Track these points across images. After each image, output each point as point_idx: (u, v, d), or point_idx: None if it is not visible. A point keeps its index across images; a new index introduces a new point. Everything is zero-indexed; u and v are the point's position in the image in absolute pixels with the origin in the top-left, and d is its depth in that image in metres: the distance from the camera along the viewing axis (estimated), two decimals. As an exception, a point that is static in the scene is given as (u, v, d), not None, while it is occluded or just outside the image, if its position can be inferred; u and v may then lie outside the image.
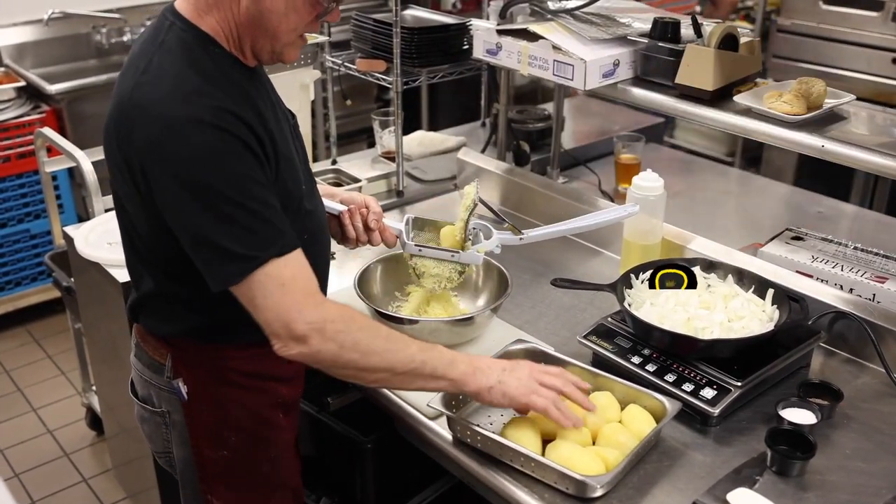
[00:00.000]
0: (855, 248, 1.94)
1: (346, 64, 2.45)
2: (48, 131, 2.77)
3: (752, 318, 1.64)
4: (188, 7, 1.37)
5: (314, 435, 1.94)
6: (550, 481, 1.40)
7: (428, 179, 2.61)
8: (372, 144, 2.84)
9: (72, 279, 2.60)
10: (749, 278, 1.75)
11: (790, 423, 1.47)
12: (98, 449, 3.08)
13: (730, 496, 1.34)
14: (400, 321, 1.73)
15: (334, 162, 2.65)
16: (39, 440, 3.14)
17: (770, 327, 1.62)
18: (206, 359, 1.51)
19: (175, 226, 1.34)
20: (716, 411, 1.51)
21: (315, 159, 2.84)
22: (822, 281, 1.86)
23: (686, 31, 1.95)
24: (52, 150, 2.87)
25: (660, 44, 1.95)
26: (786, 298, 1.68)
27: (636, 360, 1.63)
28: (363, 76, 2.43)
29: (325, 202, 1.68)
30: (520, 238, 1.78)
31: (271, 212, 1.34)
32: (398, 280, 1.92)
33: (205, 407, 1.54)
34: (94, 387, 2.95)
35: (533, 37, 2.06)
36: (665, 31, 1.95)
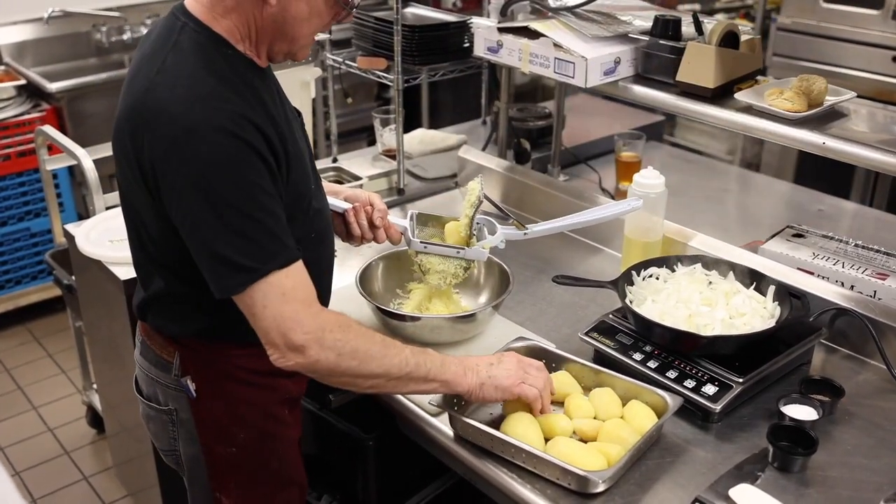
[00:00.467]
0: (856, 246, 1.94)
1: (347, 62, 2.45)
2: (49, 129, 2.76)
3: (754, 315, 1.65)
4: (200, 8, 1.36)
5: (316, 433, 1.94)
6: (552, 477, 1.41)
7: (429, 177, 2.61)
8: (372, 143, 2.84)
9: (73, 277, 2.59)
10: (750, 275, 1.75)
11: (792, 420, 1.47)
12: (99, 447, 3.08)
13: (732, 492, 1.34)
14: (402, 318, 1.73)
15: (335, 160, 2.65)
16: (40, 438, 3.14)
17: (771, 324, 1.62)
18: (215, 357, 1.51)
19: (182, 229, 1.34)
20: (717, 408, 1.52)
21: (315, 157, 2.83)
22: (824, 278, 1.86)
23: (687, 29, 1.95)
24: (53, 149, 2.87)
25: (661, 41, 1.95)
26: (787, 295, 1.68)
27: (638, 357, 1.64)
28: (364, 74, 2.43)
29: (330, 200, 1.69)
30: (524, 233, 1.78)
31: (277, 223, 1.34)
32: (400, 277, 1.92)
33: (213, 404, 1.54)
34: (95, 385, 2.96)
35: (534, 34, 2.06)
36: (666, 29, 1.95)
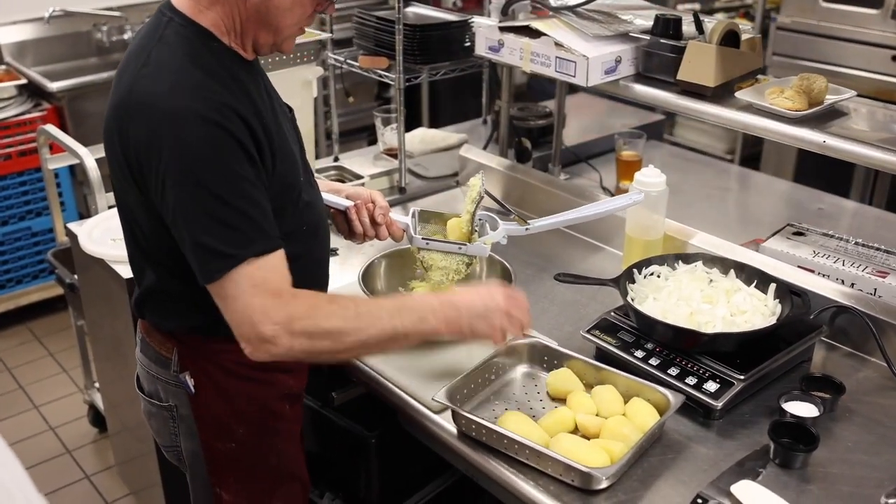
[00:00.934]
0: (856, 244, 1.95)
1: (349, 61, 2.46)
2: (51, 128, 2.76)
3: (755, 313, 1.65)
4: (186, 3, 1.38)
5: (318, 430, 1.95)
6: (556, 473, 1.41)
7: (430, 176, 2.62)
8: (372, 142, 2.84)
9: (75, 276, 2.60)
10: (751, 273, 1.76)
11: (793, 416, 1.48)
12: (100, 446, 3.08)
13: (733, 488, 1.35)
14: (404, 316, 1.74)
15: (336, 159, 2.66)
16: (41, 437, 3.14)
17: (772, 321, 1.63)
18: (213, 352, 1.52)
19: (167, 218, 1.35)
20: (719, 405, 1.52)
21: (316, 157, 2.84)
22: (824, 276, 1.87)
23: (687, 28, 1.96)
24: (54, 148, 2.87)
25: (661, 40, 1.96)
26: (788, 293, 1.69)
27: (639, 355, 1.64)
28: (365, 73, 2.44)
29: (331, 198, 1.70)
30: (525, 228, 1.79)
31: (258, 212, 1.34)
32: (402, 275, 1.93)
33: (212, 400, 1.55)
34: (97, 384, 2.96)
35: (535, 34, 2.07)
36: (667, 28, 1.96)
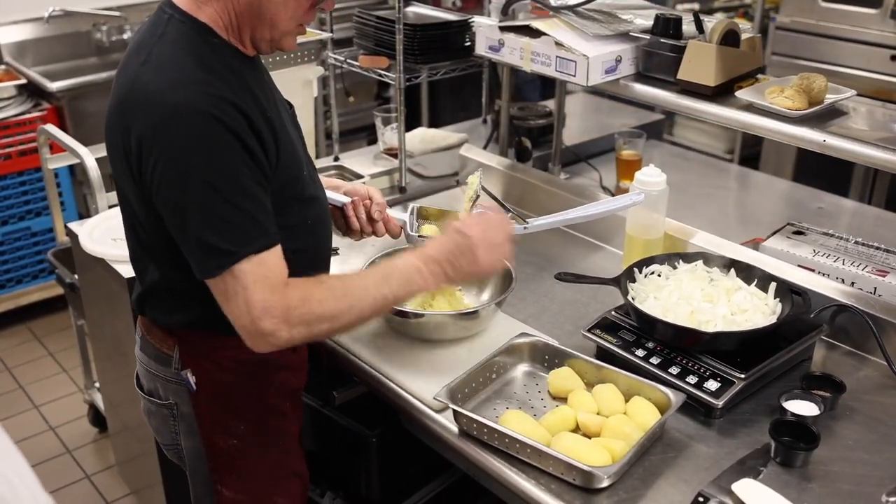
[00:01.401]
0: (856, 243, 1.95)
1: (349, 61, 2.46)
2: (51, 128, 2.76)
3: (755, 312, 1.66)
4: (186, 0, 1.39)
5: (319, 429, 1.95)
6: (557, 472, 1.41)
7: (430, 176, 2.62)
8: (372, 141, 2.84)
9: (75, 276, 2.60)
10: (751, 272, 1.76)
11: (793, 415, 1.48)
12: (101, 446, 3.08)
13: (734, 487, 1.35)
14: (405, 315, 1.74)
15: (336, 159, 2.66)
16: (41, 437, 3.14)
17: (773, 320, 1.63)
18: (214, 349, 1.53)
19: (164, 212, 1.35)
20: (720, 403, 1.52)
21: (316, 156, 2.84)
22: (824, 275, 1.87)
23: (688, 28, 1.96)
24: (54, 147, 2.88)
25: (662, 40, 1.96)
26: (788, 292, 1.69)
27: (640, 354, 1.64)
28: (366, 73, 2.44)
29: (329, 194, 1.70)
30: (524, 227, 1.79)
31: (257, 207, 1.34)
32: (402, 275, 1.92)
33: (213, 397, 1.55)
34: (98, 383, 2.96)
35: (535, 33, 2.07)
36: (667, 28, 1.96)
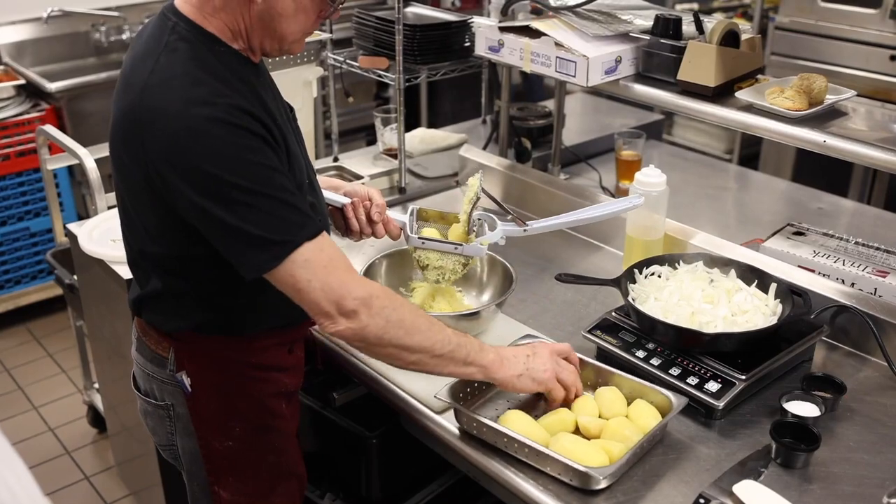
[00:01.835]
0: (856, 243, 1.95)
1: (349, 61, 2.46)
2: (50, 129, 2.75)
3: (756, 313, 1.65)
4: (190, 8, 1.37)
5: (319, 430, 1.95)
6: (554, 472, 1.42)
7: (430, 176, 2.61)
8: (371, 142, 2.84)
9: (74, 276, 2.60)
10: (752, 273, 1.76)
11: (794, 416, 1.48)
12: (100, 447, 3.08)
13: (735, 488, 1.35)
14: (405, 316, 1.74)
15: (336, 159, 2.66)
16: (41, 438, 3.14)
17: (773, 321, 1.63)
18: (210, 351, 1.53)
19: (201, 224, 1.34)
20: (720, 404, 1.52)
21: (316, 157, 2.84)
22: (824, 275, 1.87)
23: (687, 28, 1.96)
24: (53, 148, 2.87)
25: (661, 40, 1.96)
26: (789, 293, 1.69)
27: (641, 355, 1.64)
28: (365, 73, 2.43)
29: (329, 195, 1.70)
30: (523, 230, 1.79)
31: (295, 198, 1.36)
32: (403, 275, 1.92)
33: (209, 399, 1.55)
34: (97, 384, 2.96)
35: (535, 34, 2.07)
36: (667, 28, 1.96)
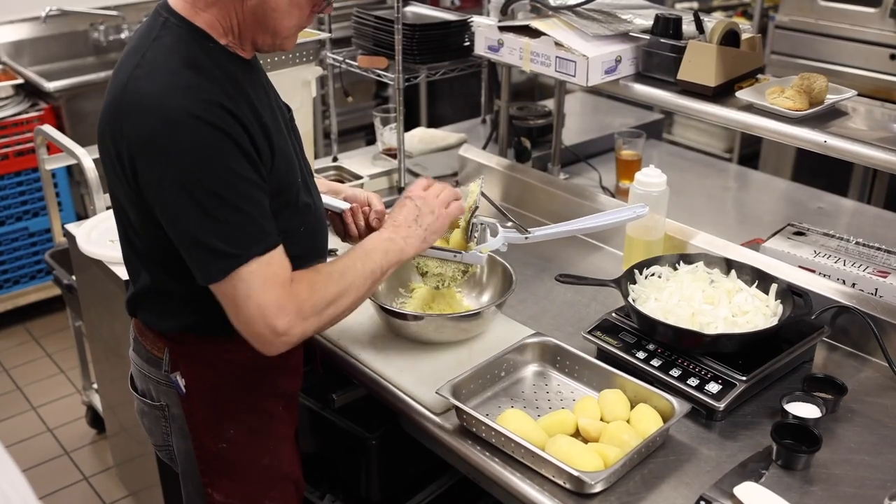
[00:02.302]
0: (857, 243, 1.95)
1: (348, 61, 2.45)
2: (48, 128, 2.75)
3: (756, 313, 1.65)
4: (182, 4, 1.38)
5: (318, 431, 1.94)
6: (549, 475, 1.41)
7: (429, 176, 2.60)
8: (370, 141, 2.84)
9: (73, 277, 2.59)
10: (752, 273, 1.75)
11: (795, 417, 1.48)
12: (99, 447, 3.07)
13: (736, 490, 1.34)
14: (405, 317, 1.74)
15: (335, 159, 2.65)
16: (39, 438, 3.13)
17: (774, 322, 1.63)
18: (204, 352, 1.52)
19: (164, 219, 1.34)
20: (721, 406, 1.52)
21: (315, 156, 2.83)
22: (825, 276, 1.87)
23: (688, 28, 1.96)
24: (52, 148, 2.86)
25: (662, 40, 1.95)
26: (789, 293, 1.68)
27: (641, 356, 1.64)
28: (364, 73, 2.43)
29: (329, 200, 1.69)
30: (525, 237, 1.78)
31: (257, 209, 1.34)
32: (402, 276, 1.92)
33: (203, 400, 1.54)
34: (95, 385, 2.95)
35: (535, 33, 2.06)
36: (667, 28, 1.95)
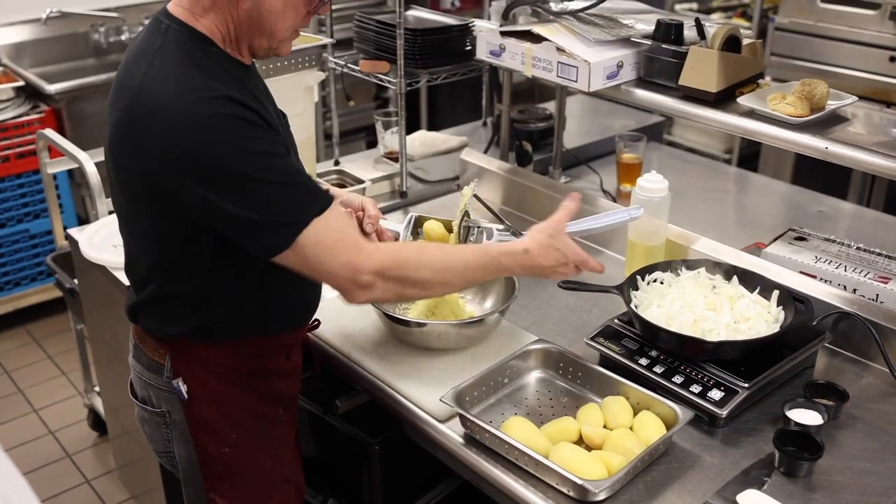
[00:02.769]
0: (858, 249, 1.95)
1: (350, 65, 2.45)
2: (50, 133, 2.75)
3: (758, 320, 1.65)
4: (182, 10, 1.40)
5: (321, 436, 1.95)
6: (552, 482, 1.42)
7: (431, 180, 2.61)
8: (371, 142, 2.84)
9: (75, 281, 2.60)
10: (754, 279, 1.76)
11: (797, 424, 1.48)
12: (100, 450, 3.08)
13: (739, 497, 1.35)
14: (408, 324, 1.74)
15: (337, 163, 2.66)
16: (41, 441, 3.14)
17: (776, 329, 1.63)
18: (206, 358, 1.53)
19: (207, 216, 1.34)
20: (724, 413, 1.52)
21: (316, 159, 2.83)
22: (826, 281, 1.87)
23: (689, 33, 1.96)
24: (53, 151, 2.87)
25: (663, 45, 1.96)
26: (791, 299, 1.69)
27: (644, 362, 1.64)
28: (366, 77, 2.43)
29: None
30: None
31: (299, 177, 1.37)
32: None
33: (205, 405, 1.55)
34: (97, 388, 2.96)
35: (536, 38, 2.07)
36: (668, 33, 1.96)
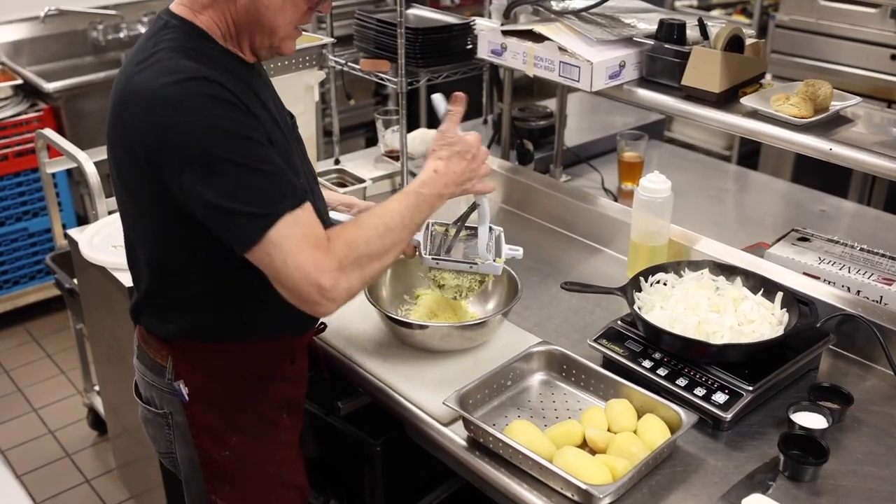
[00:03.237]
0: (861, 250, 1.94)
1: (350, 64, 2.44)
2: (49, 132, 2.74)
3: (762, 322, 1.65)
4: (183, 7, 1.40)
5: (322, 437, 1.94)
6: (557, 487, 1.42)
7: (431, 179, 2.60)
8: (371, 139, 2.83)
9: (74, 280, 2.59)
10: (757, 281, 1.75)
11: (802, 428, 1.48)
12: (100, 449, 3.07)
13: (744, 502, 1.34)
14: (410, 326, 1.73)
15: (337, 161, 2.65)
16: (41, 441, 3.13)
17: (780, 331, 1.62)
18: (207, 360, 1.52)
19: (189, 201, 1.33)
20: (728, 416, 1.52)
21: (317, 158, 2.83)
22: (829, 283, 1.87)
23: (692, 33, 1.95)
24: (52, 150, 2.85)
25: (666, 45, 1.95)
26: (795, 302, 1.68)
27: (647, 365, 1.64)
28: (367, 76, 2.42)
29: (337, 215, 1.69)
30: (435, 261, 1.72)
31: (276, 168, 1.33)
32: (407, 283, 1.92)
33: (206, 408, 1.54)
34: (97, 387, 2.95)
35: (538, 38, 2.06)
36: (671, 33, 1.95)
